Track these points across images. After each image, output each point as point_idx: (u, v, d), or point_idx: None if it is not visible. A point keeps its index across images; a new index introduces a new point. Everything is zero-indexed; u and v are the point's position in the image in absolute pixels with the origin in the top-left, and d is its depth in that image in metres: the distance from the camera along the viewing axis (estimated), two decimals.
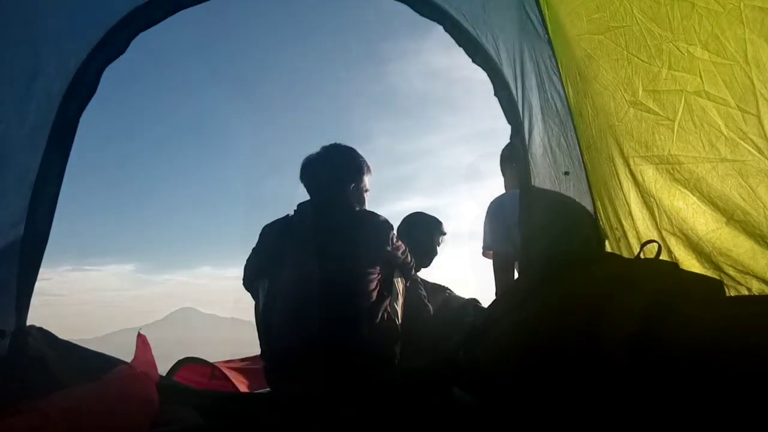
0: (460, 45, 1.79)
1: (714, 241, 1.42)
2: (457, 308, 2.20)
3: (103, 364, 1.49)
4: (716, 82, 1.27)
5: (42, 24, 1.45)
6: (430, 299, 2.17)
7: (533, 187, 1.75)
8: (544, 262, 1.47)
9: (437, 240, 2.41)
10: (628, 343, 1.00)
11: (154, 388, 1.36)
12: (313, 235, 1.79)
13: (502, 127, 1.83)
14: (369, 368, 1.64)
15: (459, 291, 2.39)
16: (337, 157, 1.95)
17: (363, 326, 1.70)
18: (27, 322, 1.49)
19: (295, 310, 1.71)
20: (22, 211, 1.47)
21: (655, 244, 1.47)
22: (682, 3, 1.27)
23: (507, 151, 2.33)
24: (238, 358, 2.66)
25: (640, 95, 1.46)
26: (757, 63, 1.17)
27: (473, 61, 1.79)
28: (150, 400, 1.31)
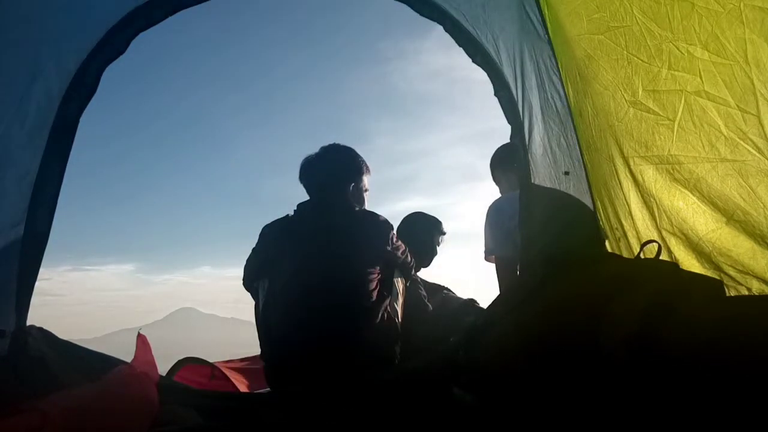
0: (460, 45, 1.79)
1: (714, 241, 1.42)
2: (457, 308, 2.21)
3: (103, 364, 1.49)
4: (716, 82, 1.27)
5: (42, 24, 1.45)
6: (429, 299, 2.18)
7: (533, 185, 1.75)
8: (544, 261, 1.47)
9: (437, 240, 2.41)
10: (628, 343, 1.00)
11: (154, 388, 1.36)
12: (313, 235, 1.79)
13: (502, 127, 1.83)
14: (369, 368, 1.64)
15: (458, 291, 2.40)
16: (337, 157, 1.95)
17: (363, 326, 1.70)
18: (27, 322, 1.49)
19: (295, 310, 1.71)
20: (22, 211, 1.47)
21: (655, 244, 1.47)
22: (682, 3, 1.27)
23: (498, 158, 2.33)
24: (238, 358, 2.66)
25: (640, 95, 1.46)
26: (757, 63, 1.17)
27: (473, 61, 1.79)
28: (150, 400, 1.31)
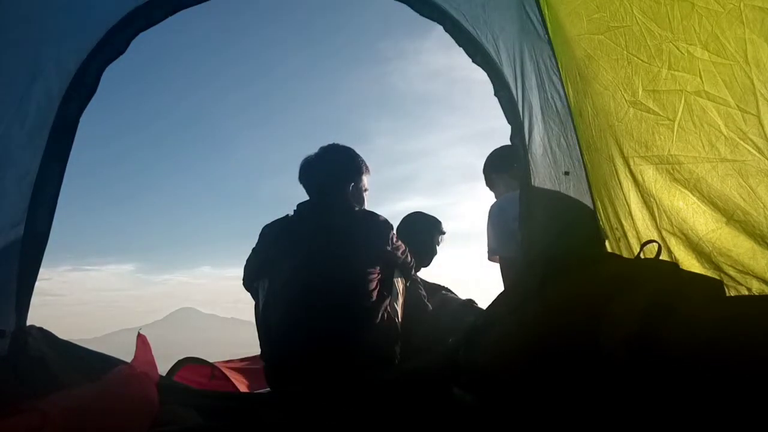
0: (460, 45, 1.79)
1: (714, 241, 1.42)
2: (457, 308, 2.21)
3: (103, 364, 1.49)
4: (716, 82, 1.27)
5: (42, 24, 1.45)
6: (429, 299, 2.18)
7: (533, 187, 1.75)
8: (545, 262, 1.46)
9: (437, 240, 2.41)
10: (628, 343, 1.00)
11: (154, 388, 1.36)
12: (313, 236, 1.79)
13: (502, 127, 1.83)
14: (369, 368, 1.64)
15: (458, 291, 2.40)
16: (336, 158, 1.95)
17: (363, 326, 1.70)
18: (27, 322, 1.49)
19: (295, 310, 1.71)
20: (22, 211, 1.47)
21: (655, 244, 1.47)
22: (682, 3, 1.26)
23: (491, 162, 2.31)
24: (238, 358, 2.66)
25: (640, 95, 1.46)
26: (757, 63, 1.17)
27: (473, 61, 1.79)
28: (150, 400, 1.31)
